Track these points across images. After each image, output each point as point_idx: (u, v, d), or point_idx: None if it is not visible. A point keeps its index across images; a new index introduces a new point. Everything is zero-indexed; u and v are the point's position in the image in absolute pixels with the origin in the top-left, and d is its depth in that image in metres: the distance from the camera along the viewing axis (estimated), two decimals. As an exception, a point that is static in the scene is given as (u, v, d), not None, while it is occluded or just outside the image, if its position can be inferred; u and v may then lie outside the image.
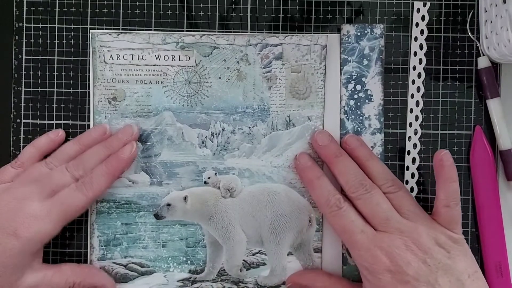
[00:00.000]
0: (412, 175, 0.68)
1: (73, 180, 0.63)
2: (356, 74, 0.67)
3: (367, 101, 0.67)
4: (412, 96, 0.68)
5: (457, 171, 0.61)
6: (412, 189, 0.68)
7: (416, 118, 0.68)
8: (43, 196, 0.62)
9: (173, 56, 0.67)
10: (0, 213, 0.61)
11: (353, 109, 0.67)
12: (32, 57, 0.68)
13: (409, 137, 0.68)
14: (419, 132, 0.68)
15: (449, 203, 0.61)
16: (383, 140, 0.67)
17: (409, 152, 0.68)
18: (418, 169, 0.68)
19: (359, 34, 0.67)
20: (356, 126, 0.67)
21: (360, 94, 0.67)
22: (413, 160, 0.68)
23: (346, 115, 0.67)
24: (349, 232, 0.60)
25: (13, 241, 0.60)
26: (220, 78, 0.67)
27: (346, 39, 0.67)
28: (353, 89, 0.67)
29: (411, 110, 0.68)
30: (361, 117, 0.67)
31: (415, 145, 0.68)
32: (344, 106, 0.67)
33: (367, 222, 0.61)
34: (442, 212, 0.61)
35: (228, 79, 0.67)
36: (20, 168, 0.65)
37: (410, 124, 0.68)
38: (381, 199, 0.61)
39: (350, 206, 0.62)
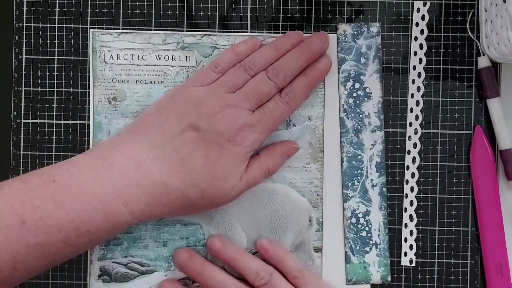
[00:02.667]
0: (412, 175, 0.68)
1: (275, 89, 0.63)
2: (354, 73, 0.67)
3: (366, 99, 0.67)
4: (412, 95, 0.68)
5: (279, 248, 0.66)
6: (412, 189, 0.68)
7: (416, 117, 0.68)
8: (251, 105, 0.62)
9: (173, 56, 0.67)
10: (217, 118, 0.60)
11: (353, 107, 0.67)
12: (32, 57, 0.68)
13: (409, 137, 0.68)
14: (419, 131, 0.68)
15: (295, 274, 0.65)
16: (383, 138, 0.67)
17: (409, 152, 0.68)
18: (418, 168, 0.68)
19: (355, 33, 0.67)
20: (356, 124, 0.67)
21: (359, 92, 0.67)
22: (413, 159, 0.68)
23: (345, 114, 0.67)
24: None
25: (234, 147, 0.60)
26: (220, 78, 0.67)
27: (343, 38, 0.67)
28: (351, 88, 0.67)
29: (411, 110, 0.68)
30: (360, 115, 0.67)
31: (415, 145, 0.68)
32: (344, 105, 0.67)
33: None
34: (297, 284, 0.65)
35: (229, 80, 0.67)
36: (220, 74, 0.63)
37: (410, 124, 0.68)
38: None
39: None
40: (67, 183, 0.58)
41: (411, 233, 0.68)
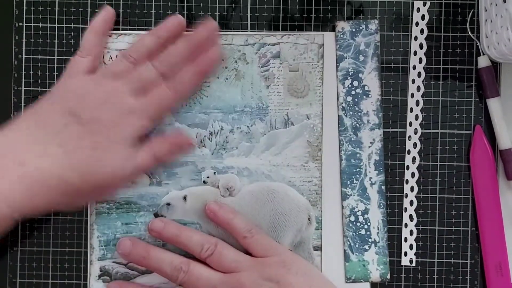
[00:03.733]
0: (412, 175, 0.68)
1: (160, 76, 0.63)
2: (352, 70, 0.67)
3: (364, 96, 0.67)
4: (412, 95, 0.68)
5: (228, 210, 0.66)
6: (412, 189, 0.68)
7: (416, 117, 0.68)
8: (135, 92, 0.62)
9: (171, 56, 0.67)
10: (99, 108, 0.61)
11: (351, 105, 0.67)
12: (32, 56, 0.68)
13: (409, 137, 0.68)
14: (419, 131, 0.68)
15: (244, 235, 0.64)
16: (382, 136, 0.67)
17: (409, 152, 0.68)
18: (418, 168, 0.68)
19: (354, 30, 0.67)
20: (355, 123, 0.67)
21: (358, 90, 0.67)
22: (413, 159, 0.68)
23: (344, 112, 0.67)
24: None
25: (118, 134, 0.61)
26: (218, 77, 0.68)
27: (341, 35, 0.67)
28: (350, 85, 0.67)
29: (411, 110, 0.68)
30: (359, 113, 0.67)
31: (415, 145, 0.68)
32: (342, 103, 0.67)
33: None
34: (246, 245, 0.64)
35: (226, 79, 0.67)
36: (89, 56, 0.64)
37: (410, 124, 0.68)
38: (202, 274, 0.64)
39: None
40: None
41: (411, 233, 0.68)
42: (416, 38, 0.68)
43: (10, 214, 0.59)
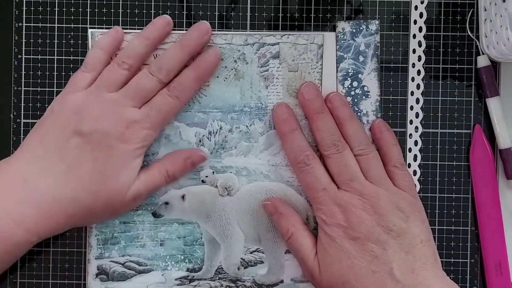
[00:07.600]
0: (414, 172, 0.68)
1: (159, 84, 0.63)
2: (352, 71, 0.67)
3: (364, 97, 0.67)
4: (412, 93, 0.68)
5: (394, 136, 0.66)
6: (412, 188, 0.68)
7: (417, 115, 0.68)
8: (136, 102, 0.62)
9: (171, 55, 0.67)
10: (99, 120, 0.60)
11: (351, 105, 0.67)
12: (31, 56, 0.68)
13: (410, 135, 0.68)
14: (420, 129, 0.68)
15: (395, 164, 0.64)
16: (381, 136, 0.67)
17: (410, 150, 0.68)
18: (419, 167, 0.68)
19: (354, 31, 0.67)
20: (354, 123, 0.67)
21: (357, 91, 0.67)
22: (415, 157, 0.68)
23: (343, 112, 0.67)
24: (312, 189, 0.63)
25: (123, 145, 0.61)
26: (217, 77, 0.67)
27: (342, 36, 0.67)
28: (349, 86, 0.67)
29: (411, 107, 0.68)
30: (358, 114, 0.67)
31: (416, 143, 0.68)
32: (341, 103, 0.67)
33: (333, 180, 0.63)
34: (393, 173, 0.63)
35: (226, 78, 0.67)
36: (93, 72, 0.63)
37: (411, 122, 0.68)
38: (350, 160, 0.62)
39: (318, 163, 0.63)
40: None
41: (411, 232, 0.68)
42: (414, 36, 0.68)
43: (28, 239, 0.59)
